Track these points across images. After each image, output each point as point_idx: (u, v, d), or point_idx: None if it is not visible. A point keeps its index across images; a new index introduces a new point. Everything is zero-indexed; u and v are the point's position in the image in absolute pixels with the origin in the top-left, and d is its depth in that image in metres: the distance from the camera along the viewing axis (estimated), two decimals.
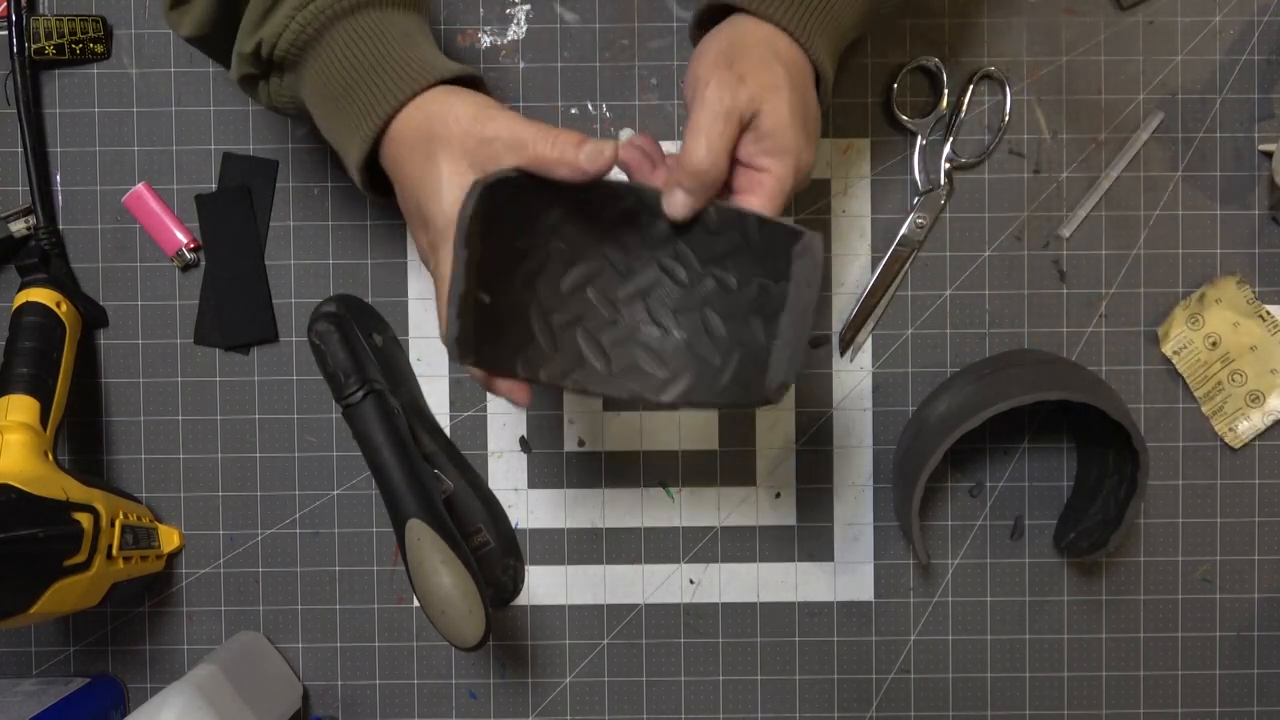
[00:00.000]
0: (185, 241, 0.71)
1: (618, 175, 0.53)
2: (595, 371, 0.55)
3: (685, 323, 0.55)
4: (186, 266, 0.72)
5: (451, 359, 0.56)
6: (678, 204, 0.51)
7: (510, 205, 0.51)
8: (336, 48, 0.52)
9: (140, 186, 0.71)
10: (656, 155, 0.54)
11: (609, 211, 0.53)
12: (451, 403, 0.72)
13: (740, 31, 0.52)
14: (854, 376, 0.72)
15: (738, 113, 0.50)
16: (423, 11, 0.57)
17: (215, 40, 0.55)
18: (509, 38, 0.72)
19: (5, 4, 0.70)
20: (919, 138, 0.71)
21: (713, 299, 0.55)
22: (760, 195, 0.51)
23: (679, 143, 0.69)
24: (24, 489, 0.57)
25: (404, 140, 0.51)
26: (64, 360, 0.66)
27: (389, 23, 0.53)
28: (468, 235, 0.48)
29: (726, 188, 0.53)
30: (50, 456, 0.64)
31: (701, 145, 0.49)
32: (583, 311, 0.55)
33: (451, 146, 0.50)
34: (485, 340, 0.51)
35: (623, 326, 0.55)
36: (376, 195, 0.56)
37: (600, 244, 0.55)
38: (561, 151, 0.49)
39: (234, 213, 0.71)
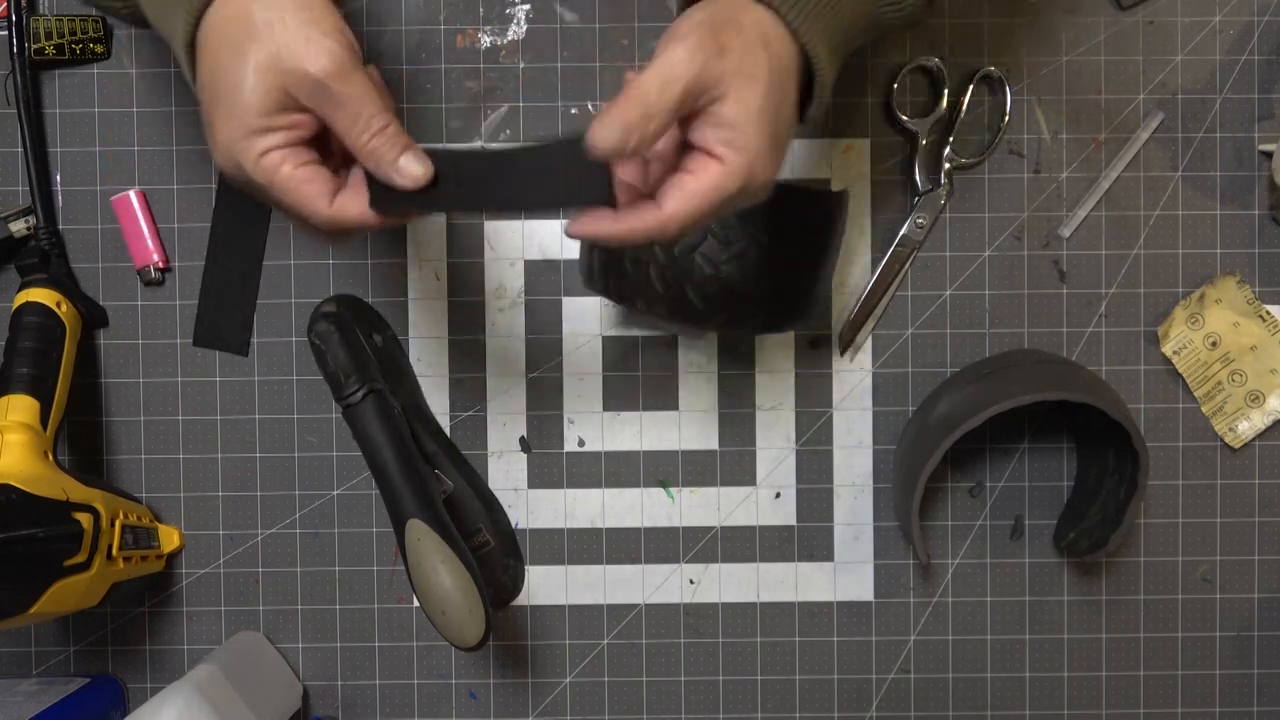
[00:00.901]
0: (156, 260, 0.71)
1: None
2: (695, 309, 0.69)
3: (767, 279, 0.69)
4: (150, 284, 0.71)
5: (584, 285, 0.66)
6: (604, 134, 0.45)
7: None
8: None
9: (131, 192, 0.71)
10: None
11: None
12: (451, 403, 0.72)
13: (733, 6, 0.47)
14: (854, 376, 0.72)
15: (702, 82, 0.45)
16: None
17: None
18: (509, 38, 0.72)
19: (5, 4, 0.70)
20: (919, 138, 0.71)
21: (785, 259, 0.68)
22: (701, 177, 0.46)
23: None
24: (24, 489, 0.57)
25: (220, 27, 0.47)
26: (64, 360, 0.66)
27: None
28: None
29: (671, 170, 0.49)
30: (50, 456, 0.63)
31: (654, 82, 0.44)
32: (691, 269, 0.69)
33: (261, 54, 0.46)
34: (611, 274, 0.67)
35: (722, 281, 0.69)
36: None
37: None
38: (374, 158, 0.47)
39: (234, 213, 0.71)
